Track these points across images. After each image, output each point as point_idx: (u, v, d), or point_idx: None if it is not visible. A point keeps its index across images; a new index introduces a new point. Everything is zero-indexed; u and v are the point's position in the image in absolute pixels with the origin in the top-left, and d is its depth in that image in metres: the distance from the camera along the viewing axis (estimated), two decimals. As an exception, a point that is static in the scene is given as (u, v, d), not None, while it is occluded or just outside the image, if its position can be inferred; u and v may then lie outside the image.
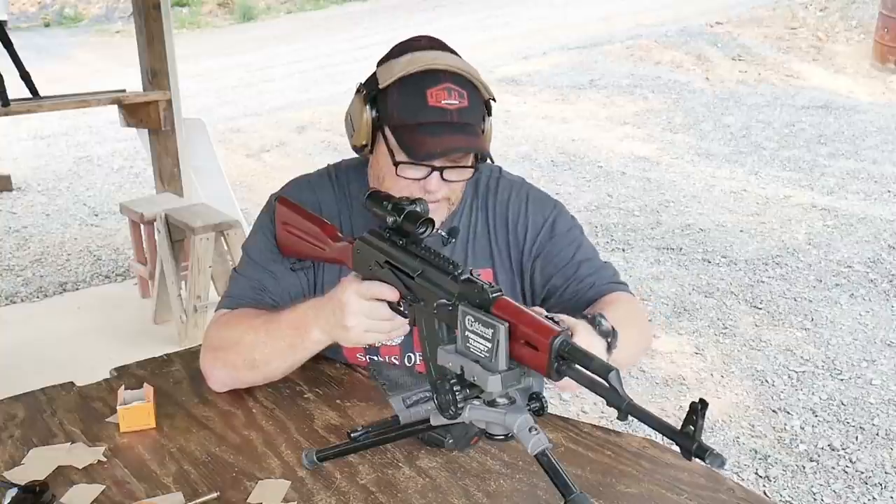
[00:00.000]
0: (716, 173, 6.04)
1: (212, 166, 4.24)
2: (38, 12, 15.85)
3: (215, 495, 1.14)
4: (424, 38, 1.40)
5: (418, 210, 1.18)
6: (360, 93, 1.38)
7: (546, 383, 1.51)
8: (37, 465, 1.21)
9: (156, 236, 3.67)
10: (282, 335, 1.34)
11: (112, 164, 6.79)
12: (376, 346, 1.46)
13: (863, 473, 2.74)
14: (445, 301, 1.05)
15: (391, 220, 1.18)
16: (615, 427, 1.35)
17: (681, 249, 4.65)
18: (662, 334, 3.68)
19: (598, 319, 1.17)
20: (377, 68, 1.39)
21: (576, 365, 0.89)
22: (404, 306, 1.19)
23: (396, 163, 1.34)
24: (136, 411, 1.30)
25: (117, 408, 1.30)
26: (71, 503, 1.13)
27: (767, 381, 3.30)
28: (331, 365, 1.48)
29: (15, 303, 4.21)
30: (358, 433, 1.16)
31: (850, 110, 7.51)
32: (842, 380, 3.30)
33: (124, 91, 4.02)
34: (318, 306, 1.30)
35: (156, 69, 3.97)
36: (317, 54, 11.06)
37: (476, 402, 0.98)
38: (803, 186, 5.71)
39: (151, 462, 1.22)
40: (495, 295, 0.97)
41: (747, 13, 10.20)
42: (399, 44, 1.40)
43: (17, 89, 3.69)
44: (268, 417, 1.34)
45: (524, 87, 8.37)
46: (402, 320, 1.23)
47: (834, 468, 2.77)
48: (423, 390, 1.15)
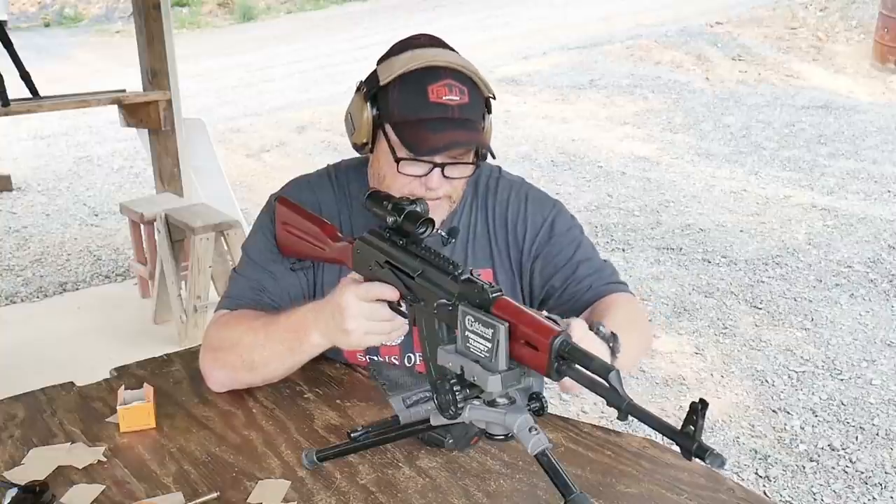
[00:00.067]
0: (716, 173, 6.03)
1: (212, 166, 4.24)
2: (38, 12, 15.85)
3: (215, 495, 1.14)
4: (424, 37, 1.41)
5: (418, 210, 1.18)
6: (361, 91, 1.38)
7: (546, 383, 1.51)
8: (37, 465, 1.21)
9: (156, 236, 3.67)
10: (281, 338, 1.33)
11: (112, 164, 6.79)
12: (376, 346, 1.46)
13: (863, 473, 2.74)
14: (445, 301, 1.05)
15: (391, 219, 1.18)
16: (615, 427, 1.35)
17: (681, 249, 4.64)
18: (662, 334, 3.68)
19: (597, 327, 1.17)
20: (377, 66, 1.39)
21: (576, 365, 0.89)
22: (404, 306, 1.19)
23: (398, 159, 1.34)
24: (136, 411, 1.30)
25: (117, 408, 1.30)
26: (71, 503, 1.13)
27: (767, 381, 3.30)
28: (331, 365, 1.48)
29: (15, 303, 4.21)
30: (358, 433, 1.16)
31: (850, 110, 7.51)
32: (842, 380, 3.30)
33: (124, 91, 4.02)
34: (317, 309, 1.29)
35: (156, 69, 3.97)
36: (317, 54, 11.06)
37: (476, 402, 0.98)
38: (803, 186, 5.71)
39: (151, 462, 1.22)
40: (495, 295, 0.97)
41: (747, 13, 10.19)
42: (399, 42, 1.40)
43: (17, 89, 3.69)
44: (268, 417, 1.34)
45: (524, 87, 8.37)
46: (402, 320, 1.22)
47: (834, 468, 2.77)
48: (423, 390, 1.15)
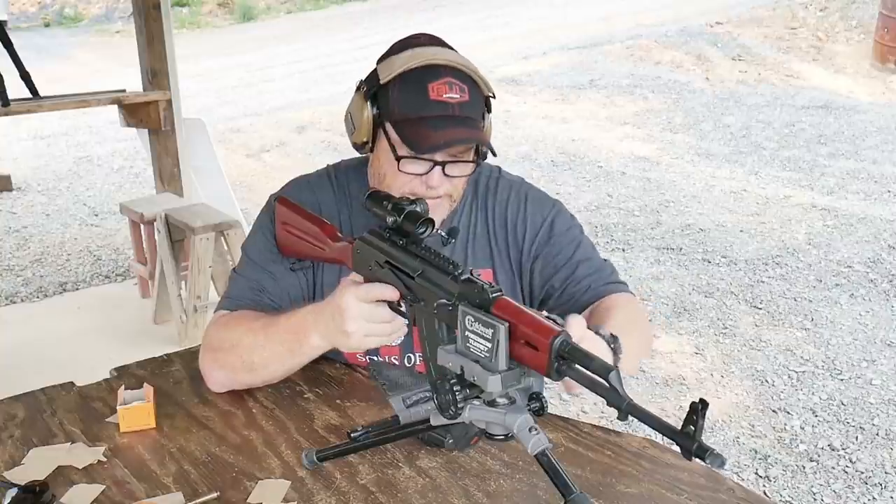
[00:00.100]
0: (716, 173, 6.04)
1: (212, 166, 4.24)
2: (38, 12, 15.85)
3: (215, 495, 1.14)
4: (424, 36, 1.41)
5: (418, 210, 1.18)
6: (361, 90, 1.38)
7: (546, 383, 1.51)
8: (37, 465, 1.21)
9: (156, 236, 3.67)
10: (280, 339, 1.33)
11: (112, 164, 6.79)
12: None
13: (863, 473, 2.74)
14: (445, 301, 1.04)
15: (391, 219, 1.18)
16: (615, 427, 1.35)
17: (681, 249, 4.64)
18: (662, 334, 3.68)
19: (595, 329, 1.16)
20: (377, 65, 1.39)
21: (576, 365, 0.89)
22: (404, 306, 1.19)
23: (399, 157, 1.34)
24: (136, 411, 1.30)
25: (117, 408, 1.30)
26: (71, 503, 1.13)
27: (767, 381, 3.30)
28: (331, 365, 1.48)
29: (15, 303, 4.21)
30: (358, 433, 1.16)
31: (850, 110, 7.51)
32: (842, 380, 3.30)
33: (124, 91, 4.02)
34: (317, 311, 1.29)
35: (156, 69, 3.97)
36: (317, 54, 11.06)
37: (476, 402, 0.98)
38: (803, 186, 5.71)
39: (151, 462, 1.22)
40: (495, 295, 0.97)
41: (747, 13, 10.19)
42: (399, 41, 1.40)
43: (17, 89, 3.69)
44: (268, 417, 1.33)
45: (524, 87, 8.37)
46: (402, 321, 1.22)
47: (834, 468, 2.77)
48: (423, 390, 1.15)
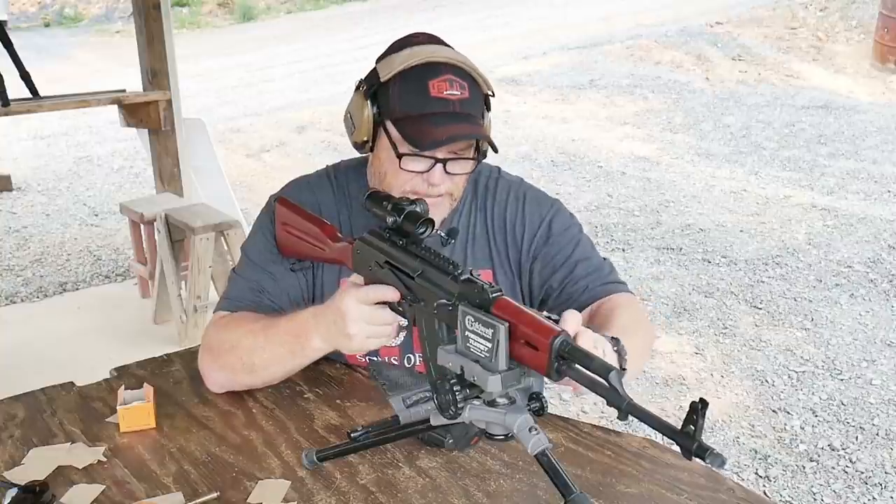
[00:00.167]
0: (716, 173, 6.03)
1: (212, 166, 4.24)
2: (38, 12, 15.85)
3: (215, 495, 1.14)
4: (423, 35, 1.41)
5: (418, 210, 1.18)
6: (360, 89, 1.38)
7: (546, 383, 1.51)
8: (37, 465, 1.21)
9: (156, 236, 3.67)
10: (281, 341, 1.33)
11: (112, 164, 6.79)
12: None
13: (863, 473, 2.74)
14: (445, 301, 1.04)
15: (391, 220, 1.18)
16: (615, 427, 1.35)
17: (681, 249, 4.64)
18: (662, 334, 3.68)
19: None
20: (376, 64, 1.39)
21: (576, 365, 0.89)
22: (404, 306, 1.19)
23: (400, 155, 1.33)
24: (136, 411, 1.30)
25: (117, 408, 1.30)
26: (71, 503, 1.13)
27: (767, 381, 3.30)
28: (331, 365, 1.48)
29: (15, 303, 4.21)
30: (358, 433, 1.16)
31: (850, 110, 7.51)
32: (842, 380, 3.30)
33: (124, 91, 4.02)
34: (318, 314, 1.29)
35: (156, 69, 3.97)
36: (317, 54, 11.05)
37: (476, 402, 0.98)
38: (803, 186, 5.71)
39: (151, 462, 1.22)
40: (495, 295, 0.97)
41: (747, 13, 10.19)
42: (398, 40, 1.40)
43: (17, 89, 3.69)
44: (268, 417, 1.33)
45: (524, 87, 8.37)
46: (403, 322, 1.22)
47: (834, 468, 2.77)
48: (423, 390, 1.15)
